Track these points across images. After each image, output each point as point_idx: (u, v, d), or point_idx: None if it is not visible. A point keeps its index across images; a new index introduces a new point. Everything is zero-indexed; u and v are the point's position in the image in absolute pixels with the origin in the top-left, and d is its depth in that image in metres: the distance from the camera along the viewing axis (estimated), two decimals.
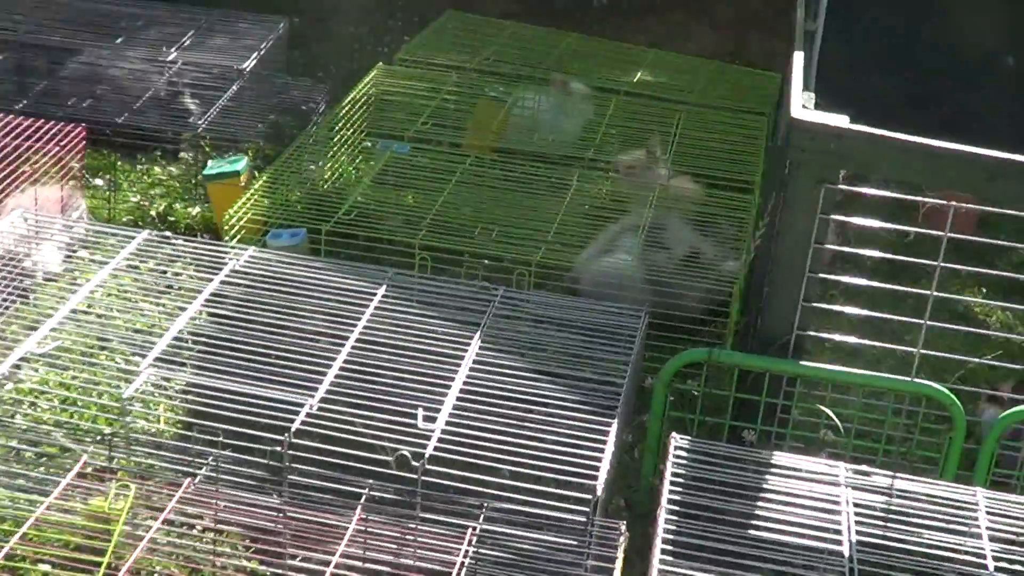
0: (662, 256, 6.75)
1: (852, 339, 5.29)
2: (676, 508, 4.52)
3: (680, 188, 7.48)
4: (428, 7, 11.28)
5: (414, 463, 4.64)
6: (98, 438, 5.10)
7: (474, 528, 4.67)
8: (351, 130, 7.81)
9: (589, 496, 4.57)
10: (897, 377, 5.12)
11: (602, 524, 4.71)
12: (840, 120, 4.97)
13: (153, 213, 7.43)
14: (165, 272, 5.78)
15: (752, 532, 4.46)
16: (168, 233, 6.03)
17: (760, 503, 4.60)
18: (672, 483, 4.62)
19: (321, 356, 5.22)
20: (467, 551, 4.59)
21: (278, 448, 4.71)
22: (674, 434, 4.88)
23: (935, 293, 4.99)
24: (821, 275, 5.13)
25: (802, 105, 5.09)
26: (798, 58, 5.66)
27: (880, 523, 4.51)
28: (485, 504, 4.75)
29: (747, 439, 5.22)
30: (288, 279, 5.70)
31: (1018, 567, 4.41)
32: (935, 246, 4.88)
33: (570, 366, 5.34)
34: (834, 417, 5.12)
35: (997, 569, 4.38)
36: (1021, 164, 4.75)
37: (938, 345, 5.55)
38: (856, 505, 4.60)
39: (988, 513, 4.61)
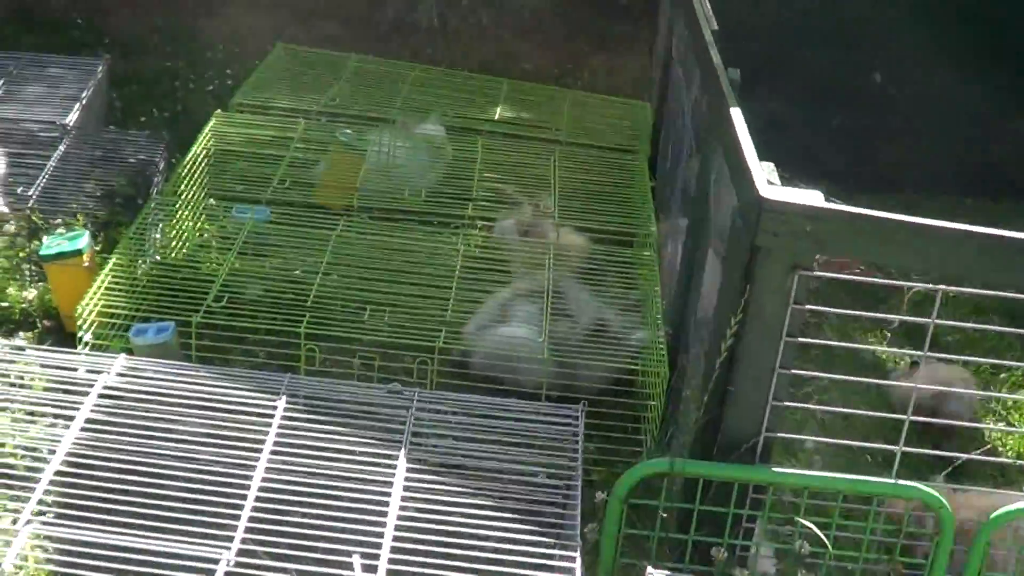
0: (564, 326, 6.18)
1: (826, 440, 4.78)
2: None
3: (566, 243, 6.91)
4: (245, 37, 10.51)
5: None
6: None
7: None
8: (199, 194, 6.99)
9: None
10: (882, 480, 4.63)
11: None
12: (814, 198, 4.44)
13: None
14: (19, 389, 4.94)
15: None
16: (22, 343, 5.18)
17: None
18: None
19: (229, 494, 4.50)
20: None
21: None
22: (650, 569, 4.29)
23: (919, 386, 4.53)
24: (794, 371, 4.60)
25: (767, 180, 4.54)
26: (737, 116, 5.10)
27: None
28: None
29: (716, 557, 4.66)
30: (171, 394, 4.94)
31: None
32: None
33: (512, 483, 4.73)
34: (815, 528, 4.59)
35: None
36: (1017, 241, 4.31)
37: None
38: None
39: None
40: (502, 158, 7.61)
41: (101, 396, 4.87)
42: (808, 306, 4.53)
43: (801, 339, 4.58)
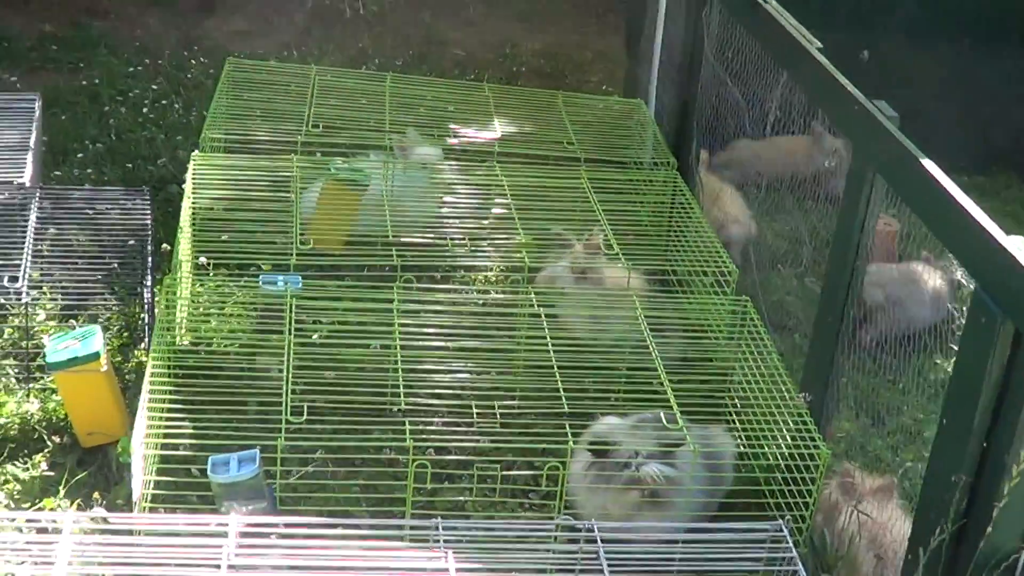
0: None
1: None
2: None
3: (633, 287, 6.09)
4: (157, 41, 9.39)
5: None
6: None
7: None
8: (213, 262, 5.96)
9: None
10: None
11: None
12: None
13: None
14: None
15: None
16: (102, 511, 4.17)
17: None
18: None
19: None
20: None
21: None
22: None
23: None
24: None
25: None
26: (940, 175, 4.36)
27: None
28: None
29: None
30: (315, 560, 4.01)
31: None
32: None
33: None
34: None
35: None
36: None
37: None
38: None
39: None
40: (529, 187, 6.69)
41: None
42: None
43: None
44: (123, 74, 8.83)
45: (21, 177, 6.33)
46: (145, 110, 8.24)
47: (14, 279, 5.58)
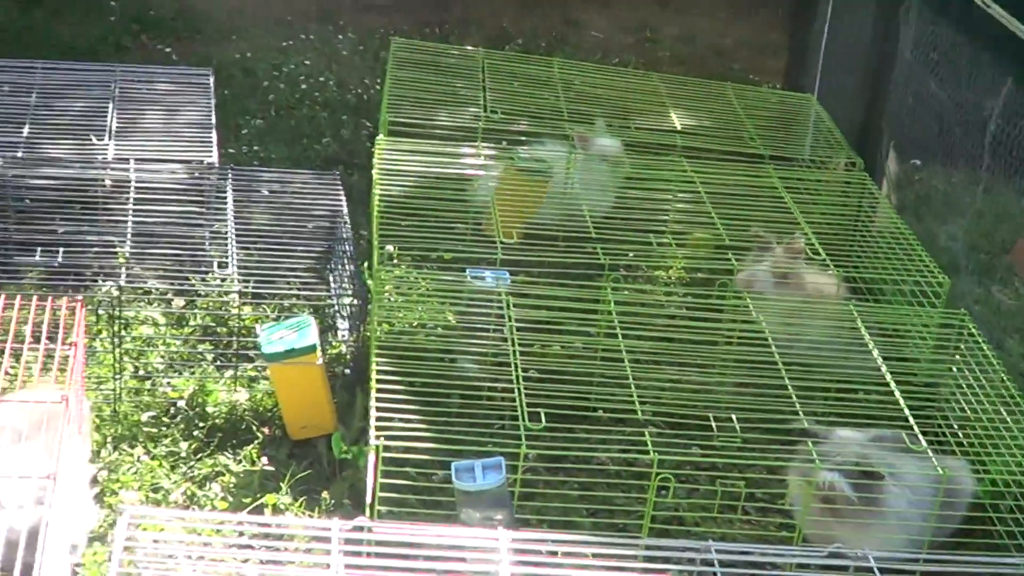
0: None
1: None
2: None
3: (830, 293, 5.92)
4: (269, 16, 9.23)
5: None
6: None
7: None
8: (400, 252, 5.83)
9: None
10: None
11: None
12: None
13: (180, 402, 5.25)
14: None
15: None
16: (364, 519, 4.01)
17: None
18: None
19: None
20: None
21: None
22: None
23: None
24: None
25: None
26: None
27: None
28: None
29: None
30: None
31: None
32: None
33: None
34: None
35: None
36: None
37: None
38: None
39: None
40: (720, 184, 6.50)
41: None
42: None
43: None
44: (273, 48, 8.67)
45: (210, 156, 6.19)
46: (304, 87, 8.08)
47: (223, 265, 5.44)
